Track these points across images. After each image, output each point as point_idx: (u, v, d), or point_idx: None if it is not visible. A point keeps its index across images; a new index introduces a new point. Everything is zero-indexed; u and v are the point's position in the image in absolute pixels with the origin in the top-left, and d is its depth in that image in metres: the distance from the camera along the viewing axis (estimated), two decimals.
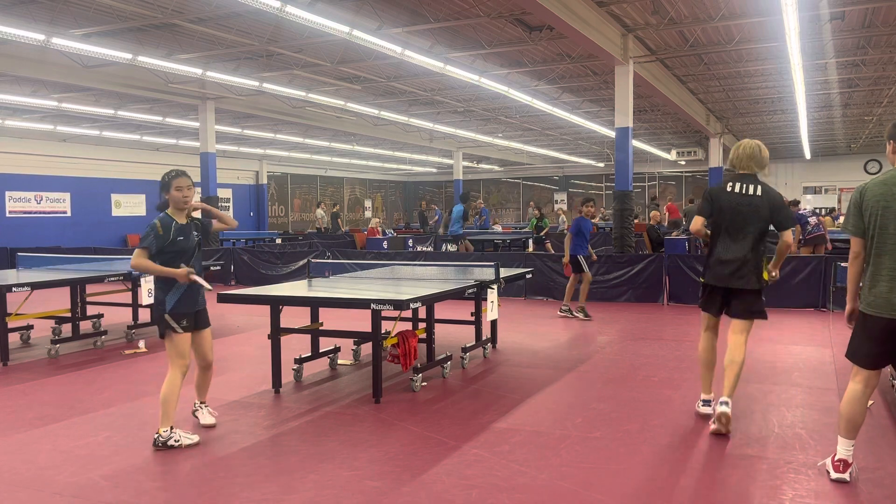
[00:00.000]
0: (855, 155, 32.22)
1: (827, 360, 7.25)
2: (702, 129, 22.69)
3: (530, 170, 38.51)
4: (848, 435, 4.01)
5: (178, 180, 4.81)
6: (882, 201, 3.88)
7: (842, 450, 4.03)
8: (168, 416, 4.70)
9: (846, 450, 4.02)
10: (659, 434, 4.92)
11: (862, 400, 3.98)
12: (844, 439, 4.02)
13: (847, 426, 4.00)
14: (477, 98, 18.97)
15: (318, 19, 9.79)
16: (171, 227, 4.78)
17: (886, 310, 3.82)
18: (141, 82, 15.80)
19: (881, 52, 14.24)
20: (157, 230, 4.71)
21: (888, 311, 3.82)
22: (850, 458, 4.02)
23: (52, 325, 8.63)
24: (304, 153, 30.77)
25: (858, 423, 3.99)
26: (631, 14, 11.98)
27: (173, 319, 4.77)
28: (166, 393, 4.71)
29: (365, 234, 22.03)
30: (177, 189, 4.80)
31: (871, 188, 3.95)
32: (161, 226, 4.73)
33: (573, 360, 7.39)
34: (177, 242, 4.79)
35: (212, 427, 5.18)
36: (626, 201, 13.43)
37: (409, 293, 6.02)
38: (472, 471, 4.26)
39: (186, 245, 4.85)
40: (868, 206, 3.93)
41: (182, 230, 4.84)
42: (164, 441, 4.68)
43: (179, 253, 4.81)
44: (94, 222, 24.40)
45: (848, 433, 4.01)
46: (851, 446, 4.02)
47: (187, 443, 4.75)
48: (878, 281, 3.88)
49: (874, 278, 3.90)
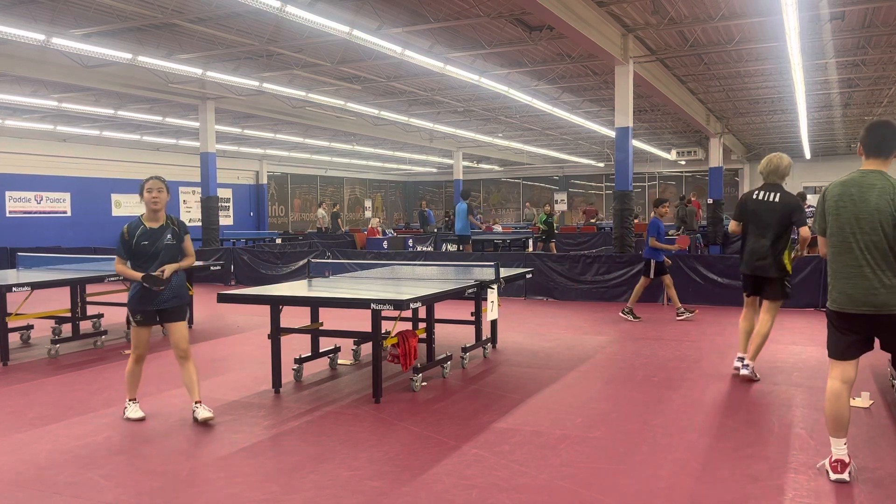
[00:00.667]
0: (855, 155, 32.03)
1: (827, 360, 7.23)
2: (702, 129, 22.69)
3: (530, 170, 38.51)
4: (836, 434, 4.04)
5: (149, 183, 5.27)
6: (840, 201, 4.04)
7: (835, 450, 4.04)
8: (129, 390, 5.50)
9: (839, 449, 4.03)
10: (659, 434, 4.92)
11: (842, 397, 4.04)
12: (835, 439, 4.05)
13: (834, 425, 4.04)
14: (477, 98, 18.97)
15: (318, 19, 9.79)
16: (136, 231, 5.24)
17: (849, 306, 3.99)
18: (141, 82, 15.79)
19: (881, 52, 14.24)
20: (123, 236, 5.25)
21: (850, 306, 3.99)
22: (847, 458, 4.02)
23: (52, 325, 8.63)
24: (304, 153, 30.77)
25: (844, 421, 4.02)
26: (631, 14, 11.98)
27: (130, 313, 5.35)
28: (125, 373, 5.48)
29: (365, 234, 22.04)
30: (147, 191, 5.24)
31: (831, 189, 4.14)
32: (127, 231, 5.25)
33: (573, 360, 7.39)
34: (140, 245, 5.22)
35: (210, 419, 5.29)
36: (626, 201, 13.43)
37: (409, 293, 6.02)
38: (472, 471, 4.26)
39: (151, 248, 5.24)
40: (828, 206, 4.10)
41: (149, 234, 5.26)
42: (124, 409, 5.50)
43: (144, 255, 5.23)
44: (94, 222, 24.39)
45: (836, 432, 4.04)
46: (844, 444, 4.03)
47: (131, 416, 5.38)
48: (838, 279, 4.05)
49: (835, 277, 4.07)
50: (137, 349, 5.38)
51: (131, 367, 5.43)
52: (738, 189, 34.54)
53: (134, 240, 5.20)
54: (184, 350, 5.35)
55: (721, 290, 11.37)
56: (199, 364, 7.34)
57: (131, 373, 5.44)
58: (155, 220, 5.30)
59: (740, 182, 34.68)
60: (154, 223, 5.29)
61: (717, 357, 7.45)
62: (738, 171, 34.63)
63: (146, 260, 5.23)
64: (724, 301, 11.28)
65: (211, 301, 11.11)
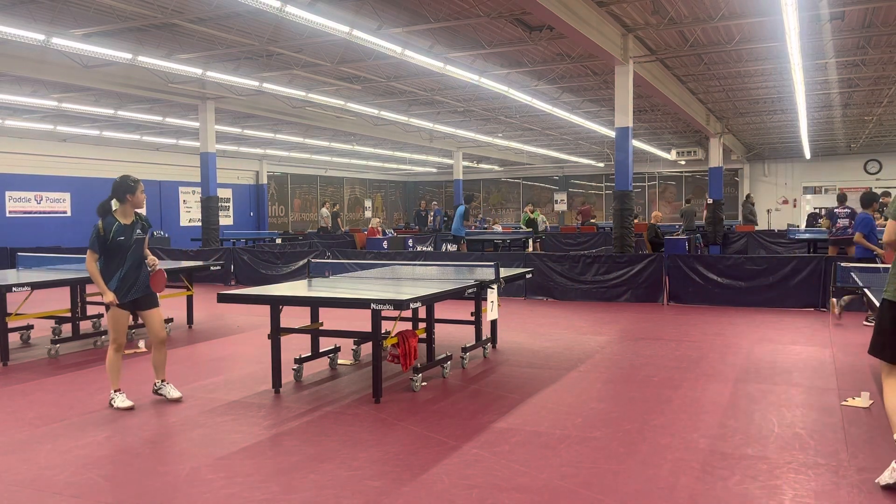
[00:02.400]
0: (855, 155, 32.19)
1: (827, 360, 7.25)
2: (702, 129, 22.67)
3: (530, 170, 38.49)
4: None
5: (142, 185, 5.80)
6: None
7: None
8: (112, 381, 5.75)
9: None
10: (659, 434, 4.92)
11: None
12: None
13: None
14: (477, 98, 18.97)
15: (318, 19, 9.78)
16: (112, 227, 5.61)
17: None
18: (141, 82, 15.79)
19: (881, 52, 14.23)
20: (98, 231, 5.57)
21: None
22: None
23: (52, 325, 8.63)
24: (304, 153, 30.75)
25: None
26: (631, 14, 11.97)
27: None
28: (106, 364, 5.75)
29: (365, 234, 22.03)
30: (142, 192, 5.77)
31: None
32: (103, 227, 5.58)
33: (573, 360, 7.39)
34: (116, 241, 5.60)
35: (178, 400, 5.84)
36: (626, 201, 13.43)
37: (409, 293, 6.02)
38: (472, 471, 4.26)
39: (126, 243, 5.65)
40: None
41: (123, 230, 5.66)
42: (110, 400, 5.73)
43: (118, 248, 5.62)
44: (94, 222, 24.10)
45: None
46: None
47: (120, 405, 5.63)
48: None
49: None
50: (117, 339, 5.70)
51: (111, 356, 5.72)
52: (738, 189, 34.52)
53: (110, 235, 5.58)
54: (162, 336, 5.85)
55: (721, 290, 11.38)
56: (199, 364, 7.36)
57: (111, 362, 5.71)
58: (128, 217, 5.73)
59: (740, 182, 34.66)
60: (127, 220, 5.72)
61: (718, 357, 7.45)
62: (738, 171, 34.61)
63: (119, 253, 5.62)
64: (724, 301, 11.29)
65: (211, 301, 11.11)
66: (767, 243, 21.18)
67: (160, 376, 5.94)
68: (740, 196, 33.93)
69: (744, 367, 6.96)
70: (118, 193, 5.72)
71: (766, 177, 34.39)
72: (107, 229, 5.58)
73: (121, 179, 5.76)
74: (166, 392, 5.90)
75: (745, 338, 8.54)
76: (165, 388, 5.93)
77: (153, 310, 5.83)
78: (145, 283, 5.81)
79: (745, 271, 11.32)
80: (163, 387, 5.94)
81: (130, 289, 5.69)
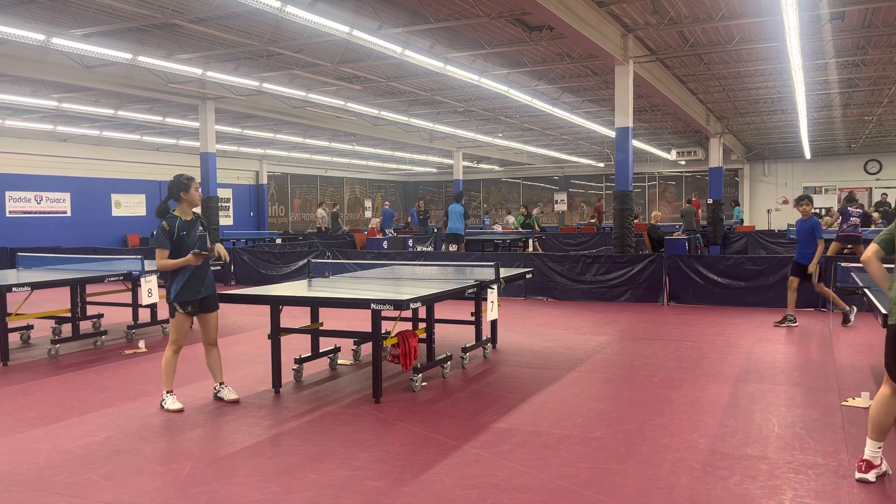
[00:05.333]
0: (855, 155, 32.20)
1: (827, 360, 7.25)
2: (702, 129, 22.68)
3: (530, 170, 38.48)
4: (874, 437, 4.05)
5: (196, 183, 5.76)
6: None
7: (868, 451, 4.06)
8: (166, 382, 5.72)
9: (872, 451, 4.04)
10: (659, 434, 4.92)
11: (889, 403, 4.01)
12: (871, 440, 4.06)
13: (873, 428, 4.04)
14: (477, 98, 18.97)
15: (318, 19, 9.78)
16: (176, 224, 5.58)
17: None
18: (141, 82, 15.78)
19: (881, 52, 14.23)
20: (164, 228, 5.55)
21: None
22: (877, 460, 4.03)
23: (52, 325, 8.63)
24: (304, 153, 30.76)
25: (886, 427, 4.02)
26: (631, 14, 11.97)
27: (178, 304, 5.63)
28: (162, 364, 5.72)
29: (365, 234, 22.03)
30: (196, 189, 5.71)
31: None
32: (167, 224, 5.56)
33: (573, 360, 7.39)
34: (180, 237, 5.59)
35: (236, 402, 5.82)
36: (626, 201, 13.43)
37: (409, 293, 6.02)
38: (472, 471, 4.26)
39: (189, 239, 5.62)
40: None
41: (186, 225, 5.63)
42: (161, 402, 5.72)
43: (183, 245, 5.59)
44: (94, 222, 24.39)
45: (874, 434, 4.05)
46: (878, 448, 4.04)
47: (170, 407, 5.60)
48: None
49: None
50: (178, 340, 5.68)
51: (169, 357, 5.68)
52: (738, 189, 34.53)
53: (175, 231, 5.57)
54: (215, 338, 5.89)
55: (721, 290, 11.38)
56: (199, 364, 7.35)
57: (169, 363, 5.69)
58: (187, 215, 5.69)
59: (740, 182, 34.66)
60: (187, 217, 5.68)
61: (718, 357, 7.45)
62: (738, 171, 34.61)
63: (185, 250, 5.59)
64: (724, 301, 11.29)
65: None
66: (767, 243, 21.20)
67: (219, 379, 5.94)
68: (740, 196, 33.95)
69: (744, 367, 6.96)
70: (173, 193, 5.68)
71: (766, 177, 34.39)
72: (171, 225, 5.56)
73: (174, 179, 5.70)
74: (224, 394, 5.89)
75: (745, 338, 8.54)
76: (224, 391, 5.91)
77: (214, 313, 5.84)
78: (213, 281, 5.85)
79: (745, 271, 11.32)
80: (221, 389, 5.92)
81: (201, 285, 5.69)
